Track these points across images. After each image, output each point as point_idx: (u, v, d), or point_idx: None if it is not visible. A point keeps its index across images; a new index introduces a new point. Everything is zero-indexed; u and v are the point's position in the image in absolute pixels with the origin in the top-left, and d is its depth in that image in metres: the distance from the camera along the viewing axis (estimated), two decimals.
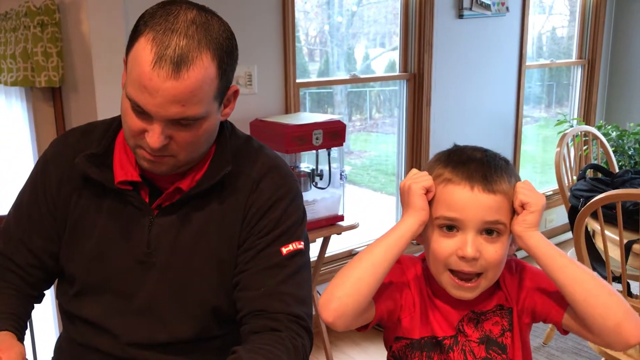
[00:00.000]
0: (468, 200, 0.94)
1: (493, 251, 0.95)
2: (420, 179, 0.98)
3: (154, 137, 0.97)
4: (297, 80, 2.65)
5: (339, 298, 0.91)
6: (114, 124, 1.13)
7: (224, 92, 1.03)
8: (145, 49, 0.93)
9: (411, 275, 1.04)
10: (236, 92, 1.08)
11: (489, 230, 0.95)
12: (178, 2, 0.97)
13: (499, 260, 0.96)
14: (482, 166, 0.96)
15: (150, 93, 0.93)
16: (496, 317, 1.03)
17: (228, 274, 1.09)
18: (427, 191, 0.98)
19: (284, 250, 1.07)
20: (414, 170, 1.01)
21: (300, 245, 1.09)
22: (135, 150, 1.03)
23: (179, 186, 1.07)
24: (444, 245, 0.96)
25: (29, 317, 1.16)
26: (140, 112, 0.97)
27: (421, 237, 1.02)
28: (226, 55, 0.98)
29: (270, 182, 1.10)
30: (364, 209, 3.73)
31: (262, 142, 1.20)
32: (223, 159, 1.09)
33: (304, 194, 2.42)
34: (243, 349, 0.98)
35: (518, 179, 1.00)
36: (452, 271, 0.97)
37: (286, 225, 1.09)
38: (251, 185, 1.09)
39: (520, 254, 1.32)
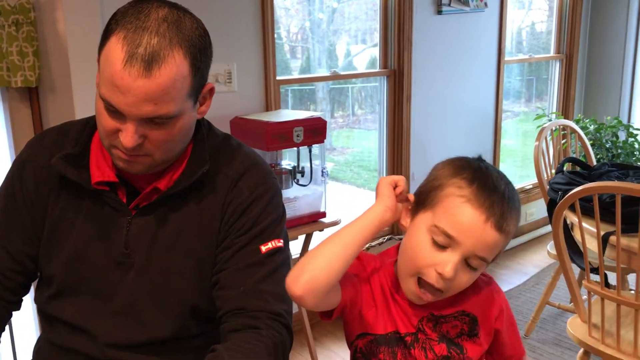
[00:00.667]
0: (476, 228, 0.92)
1: (465, 280, 0.96)
2: (391, 176, 1.01)
3: (128, 136, 0.96)
4: (278, 78, 2.65)
5: (310, 271, 0.90)
6: (90, 124, 1.12)
7: (199, 89, 1.02)
8: (116, 47, 0.92)
9: (371, 271, 1.05)
10: (212, 90, 1.07)
11: (472, 260, 0.95)
12: (150, 0, 0.97)
13: (464, 286, 0.98)
14: (502, 202, 0.93)
15: (122, 92, 0.92)
16: (456, 321, 1.04)
17: (207, 273, 1.08)
18: (396, 185, 1.00)
19: (263, 248, 1.07)
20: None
21: (280, 243, 1.09)
22: (110, 150, 1.02)
23: (157, 186, 1.06)
24: (428, 255, 0.95)
25: (4, 325, 1.14)
26: (114, 111, 0.96)
27: (405, 228, 1.02)
28: (199, 52, 0.98)
29: (248, 181, 1.10)
30: (347, 205, 3.73)
31: (243, 140, 1.20)
32: (201, 157, 1.08)
33: (285, 191, 2.43)
34: (222, 346, 0.98)
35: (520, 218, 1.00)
36: (419, 280, 0.97)
37: (265, 223, 1.08)
38: (229, 184, 1.09)
39: None
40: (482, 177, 0.95)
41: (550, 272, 2.99)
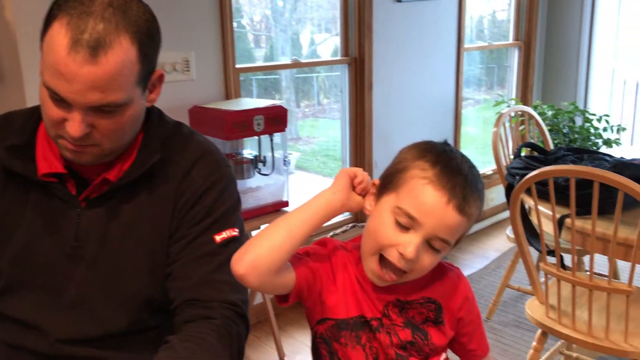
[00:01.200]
0: (438, 210, 0.93)
1: (428, 260, 0.97)
2: (352, 168, 1.01)
3: (75, 125, 0.93)
4: (237, 66, 2.62)
5: (253, 251, 0.90)
6: (36, 114, 1.08)
7: (147, 76, 1.00)
8: (59, 33, 0.89)
9: (334, 254, 1.04)
10: (161, 77, 1.05)
11: (434, 242, 0.95)
12: None
13: (427, 268, 0.98)
14: (465, 184, 0.94)
15: (67, 80, 0.90)
16: (422, 308, 1.04)
17: (160, 264, 1.07)
18: (354, 177, 1.00)
19: (218, 238, 1.05)
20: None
21: (235, 232, 1.08)
22: (57, 141, 0.99)
23: (106, 177, 1.04)
24: (391, 234, 0.95)
25: None
26: (59, 100, 0.93)
27: (369, 211, 1.02)
28: (147, 38, 0.95)
29: (201, 170, 1.08)
30: (313, 195, 3.73)
31: (202, 130, 1.18)
32: (151, 147, 1.06)
33: (247, 181, 2.41)
34: (176, 337, 0.97)
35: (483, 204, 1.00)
36: (381, 258, 0.97)
37: (219, 212, 1.07)
38: (182, 173, 1.07)
39: None
40: (445, 159, 0.96)
41: (510, 256, 3.05)
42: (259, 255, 0.90)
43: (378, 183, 1.02)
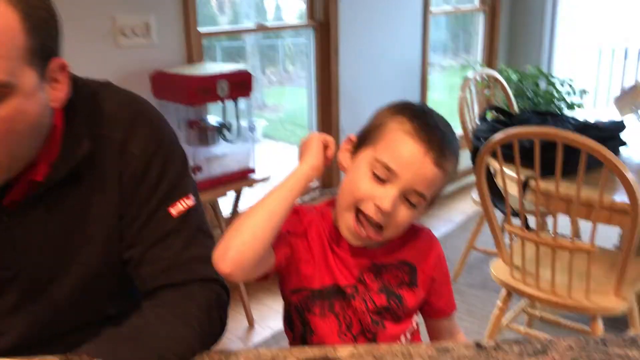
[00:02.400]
0: (416, 162, 0.93)
1: (404, 215, 0.96)
2: (323, 134, 0.99)
3: None
4: (200, 30, 2.55)
5: (235, 247, 0.86)
6: None
7: (41, 58, 0.82)
8: None
9: (309, 224, 1.03)
10: (64, 67, 0.87)
11: (411, 196, 0.95)
12: None
13: (403, 224, 0.97)
14: (443, 139, 0.95)
15: None
16: (397, 270, 1.04)
17: (115, 255, 0.98)
18: (326, 147, 0.98)
19: (174, 211, 0.96)
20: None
21: (190, 200, 0.99)
22: None
23: (32, 178, 0.89)
24: (367, 187, 0.95)
25: None
26: None
27: (345, 169, 1.01)
28: (36, 9, 0.81)
29: (137, 140, 0.95)
30: (281, 164, 3.70)
31: (165, 96, 1.06)
32: (78, 132, 0.91)
33: (212, 148, 2.37)
34: (149, 303, 0.93)
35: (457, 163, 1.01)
36: (357, 213, 0.96)
37: (167, 183, 0.97)
38: (118, 150, 0.95)
39: None
40: (423, 115, 0.97)
41: (476, 219, 3.09)
42: (242, 251, 0.86)
43: (355, 139, 1.01)
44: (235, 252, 0.86)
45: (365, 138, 0.99)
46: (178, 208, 0.97)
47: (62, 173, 0.90)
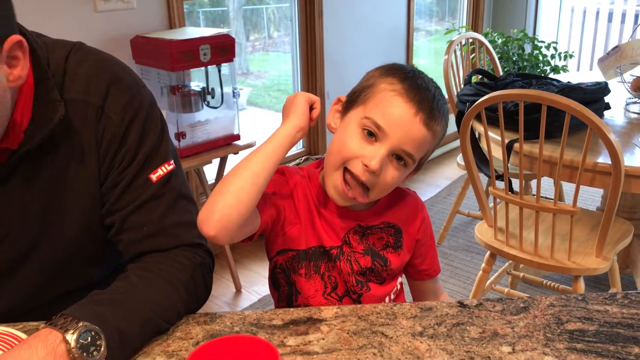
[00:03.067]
0: (405, 121, 0.92)
1: (391, 176, 0.95)
2: (309, 94, 0.97)
3: None
4: None
5: (220, 210, 0.86)
6: None
7: None
8: None
9: (295, 186, 1.02)
10: (21, 45, 0.82)
11: (399, 157, 0.95)
12: None
13: (390, 185, 0.97)
14: (432, 101, 0.95)
15: None
16: (382, 233, 1.05)
17: (96, 223, 0.97)
18: (312, 107, 0.97)
19: (154, 177, 0.95)
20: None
21: (170, 165, 0.98)
22: None
23: (5, 146, 0.87)
24: (356, 145, 0.94)
25: None
26: None
27: (333, 129, 1.01)
28: None
29: (115, 103, 0.93)
30: (267, 131, 3.69)
31: (145, 61, 1.03)
32: (50, 97, 0.88)
33: (195, 114, 2.34)
34: (134, 266, 0.93)
35: (446, 126, 1.00)
36: (344, 173, 0.96)
37: (147, 148, 0.95)
38: (95, 114, 0.92)
39: None
40: (413, 76, 0.96)
41: (461, 183, 3.11)
42: (227, 213, 0.86)
43: (344, 99, 1.01)
44: (219, 215, 0.86)
45: (354, 98, 0.98)
46: (158, 173, 0.96)
47: (36, 140, 0.88)
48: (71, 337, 0.76)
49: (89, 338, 0.77)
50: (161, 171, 0.96)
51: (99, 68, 0.95)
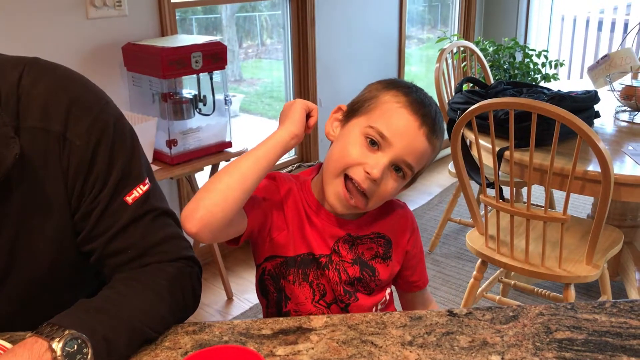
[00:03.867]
0: (410, 133, 0.94)
1: (389, 187, 0.96)
2: (307, 102, 0.98)
3: None
4: (173, 0, 2.49)
5: (205, 207, 0.84)
6: None
7: None
8: None
9: (286, 193, 1.02)
10: None
11: (398, 168, 0.96)
12: None
13: (388, 195, 0.98)
14: (434, 116, 0.97)
15: None
16: (372, 243, 1.05)
17: (70, 251, 0.93)
18: (309, 115, 0.97)
19: (129, 199, 0.91)
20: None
21: (145, 185, 0.93)
22: None
23: None
24: (359, 152, 0.95)
25: None
26: None
27: (332, 137, 1.01)
28: None
29: (77, 127, 0.87)
30: (259, 138, 3.70)
31: (136, 69, 0.97)
32: (3, 133, 0.81)
33: (187, 121, 2.34)
34: (121, 276, 0.92)
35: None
36: (345, 180, 0.96)
37: (118, 170, 0.90)
38: (56, 141, 0.86)
39: None
40: (416, 91, 0.99)
41: (452, 191, 3.12)
42: (211, 212, 0.84)
43: (345, 108, 1.02)
44: (204, 212, 0.84)
45: (357, 108, 0.99)
46: (133, 195, 0.92)
47: None
48: (57, 346, 0.75)
49: (75, 346, 0.76)
50: (136, 192, 0.92)
51: (56, 89, 0.88)
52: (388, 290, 1.11)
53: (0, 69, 0.86)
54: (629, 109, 2.29)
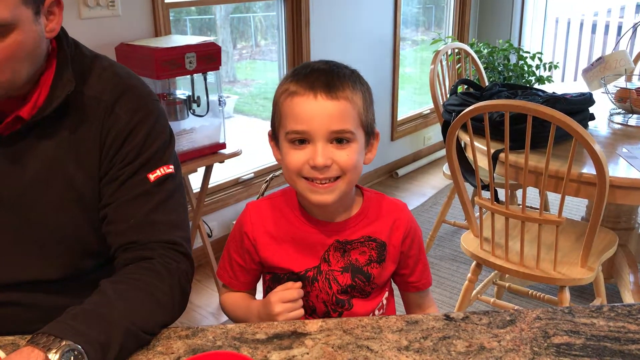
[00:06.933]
0: (313, 109, 0.93)
1: (345, 156, 0.95)
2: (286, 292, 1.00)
3: None
4: (166, 0, 2.47)
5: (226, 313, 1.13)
6: None
7: (35, 1, 0.90)
8: None
9: (252, 224, 1.06)
10: (59, 3, 0.95)
11: (338, 139, 0.95)
12: None
13: (352, 164, 0.97)
14: (325, 75, 0.95)
15: None
16: (363, 247, 1.04)
17: (92, 208, 1.01)
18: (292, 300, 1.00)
19: (152, 177, 1.00)
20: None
21: (170, 169, 1.02)
22: None
23: (19, 114, 0.95)
24: (295, 157, 0.96)
25: None
26: None
27: (278, 153, 1.03)
28: None
29: (126, 105, 1.00)
30: (254, 139, 3.67)
31: (130, 69, 1.09)
32: (65, 78, 0.96)
33: (180, 122, 2.32)
34: (107, 280, 0.93)
35: (366, 87, 1.00)
36: (307, 179, 0.97)
37: (151, 150, 1.01)
38: (105, 110, 0.99)
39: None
40: (300, 68, 0.98)
41: (447, 193, 3.12)
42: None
43: (270, 132, 1.04)
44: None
45: (274, 125, 1.01)
46: (156, 174, 1.01)
47: (44, 113, 0.95)
48: (54, 357, 0.75)
49: (72, 358, 0.76)
50: (159, 172, 1.01)
51: (120, 76, 1.03)
52: (385, 295, 1.10)
53: (80, 51, 1.03)
54: (623, 111, 2.29)
